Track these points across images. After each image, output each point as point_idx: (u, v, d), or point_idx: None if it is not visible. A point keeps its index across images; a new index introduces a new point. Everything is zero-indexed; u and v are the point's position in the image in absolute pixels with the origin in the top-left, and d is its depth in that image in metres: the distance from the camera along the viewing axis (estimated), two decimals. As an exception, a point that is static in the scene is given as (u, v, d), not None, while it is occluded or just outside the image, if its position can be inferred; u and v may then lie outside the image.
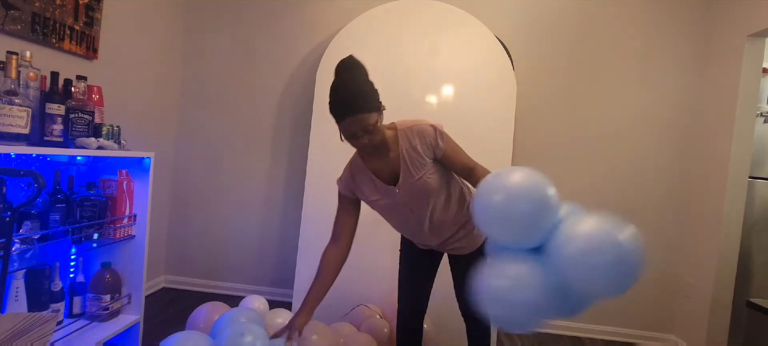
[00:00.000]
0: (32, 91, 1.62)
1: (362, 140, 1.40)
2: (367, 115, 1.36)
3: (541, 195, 1.06)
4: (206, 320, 2.07)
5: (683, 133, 2.83)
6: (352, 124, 1.36)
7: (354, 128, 1.37)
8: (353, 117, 1.35)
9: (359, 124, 1.36)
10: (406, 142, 1.48)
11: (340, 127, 1.41)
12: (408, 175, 1.48)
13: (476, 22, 2.69)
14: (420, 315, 1.77)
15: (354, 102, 1.35)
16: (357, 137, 1.40)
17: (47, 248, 1.80)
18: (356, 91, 1.37)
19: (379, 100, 1.41)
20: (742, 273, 2.55)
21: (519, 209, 1.05)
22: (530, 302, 1.03)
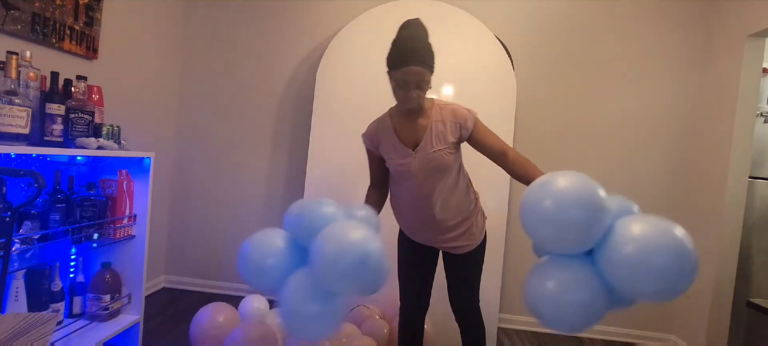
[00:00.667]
0: (32, 91, 1.63)
1: (411, 93, 1.47)
2: (425, 71, 1.45)
3: (594, 201, 1.04)
4: (210, 320, 2.07)
5: (683, 133, 2.83)
6: (410, 73, 1.44)
7: (410, 78, 1.44)
8: (414, 67, 1.43)
9: (416, 76, 1.44)
10: (438, 114, 1.55)
11: (396, 75, 1.47)
12: (427, 144, 1.53)
13: (476, 22, 2.69)
14: (421, 312, 1.77)
15: (418, 54, 1.44)
16: (409, 88, 1.46)
17: (47, 248, 1.80)
18: (422, 45, 1.46)
19: (433, 67, 1.49)
20: (742, 273, 2.55)
21: (572, 216, 1.01)
22: (582, 303, 1.01)
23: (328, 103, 2.72)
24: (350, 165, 2.65)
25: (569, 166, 2.87)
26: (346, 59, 2.74)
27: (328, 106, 2.71)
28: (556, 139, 2.90)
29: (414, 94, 1.47)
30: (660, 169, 2.85)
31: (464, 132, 1.53)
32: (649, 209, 3.06)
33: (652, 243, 0.96)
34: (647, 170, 2.86)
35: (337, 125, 2.69)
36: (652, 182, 2.86)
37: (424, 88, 1.48)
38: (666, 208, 2.85)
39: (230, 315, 2.13)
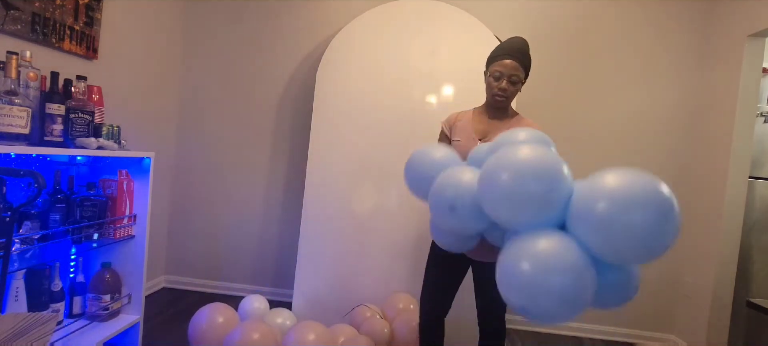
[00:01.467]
0: (32, 91, 1.63)
1: (502, 84, 1.59)
2: (521, 69, 1.59)
3: (552, 171, 0.98)
4: (209, 320, 2.07)
5: (683, 133, 2.83)
6: (507, 66, 1.58)
7: (506, 71, 1.58)
8: (512, 61, 1.58)
9: (511, 70, 1.58)
10: (517, 122, 1.66)
11: (493, 67, 1.61)
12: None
13: (476, 22, 2.69)
14: (442, 316, 1.76)
15: (520, 52, 1.59)
16: (501, 79, 1.59)
17: (47, 248, 1.80)
18: (522, 47, 1.61)
19: (529, 71, 1.64)
20: (742, 273, 2.55)
21: (529, 189, 0.95)
22: (560, 287, 0.89)
23: (328, 103, 2.72)
24: (350, 165, 2.65)
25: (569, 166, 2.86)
26: (346, 59, 2.74)
27: (328, 107, 2.71)
28: (556, 138, 2.86)
29: (504, 85, 1.59)
30: (660, 169, 2.85)
31: None
32: (649, 209, 3.01)
33: (629, 193, 0.89)
34: (647, 170, 2.85)
35: (337, 125, 2.69)
36: (652, 182, 2.85)
37: (515, 85, 1.60)
38: (666, 208, 2.85)
39: (229, 315, 2.13)
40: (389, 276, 2.55)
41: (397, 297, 2.41)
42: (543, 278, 0.91)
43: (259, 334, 1.94)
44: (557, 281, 0.89)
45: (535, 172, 0.98)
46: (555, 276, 0.90)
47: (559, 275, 0.90)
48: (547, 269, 0.91)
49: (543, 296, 0.91)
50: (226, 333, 2.00)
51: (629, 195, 0.89)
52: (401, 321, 2.21)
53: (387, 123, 2.64)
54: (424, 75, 2.67)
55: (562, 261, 0.91)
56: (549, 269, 0.91)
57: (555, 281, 0.90)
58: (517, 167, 0.99)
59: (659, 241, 0.87)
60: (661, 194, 0.89)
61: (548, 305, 0.91)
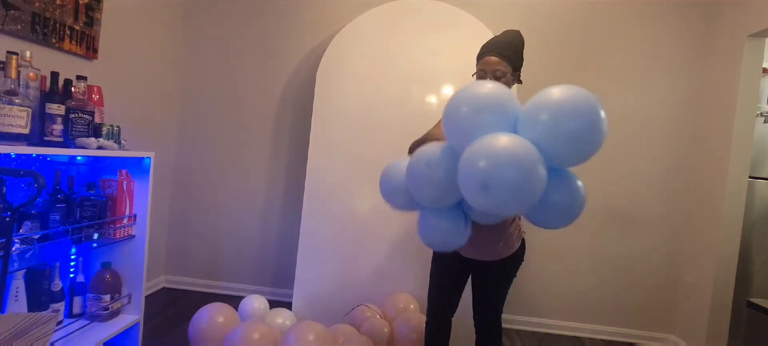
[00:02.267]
0: (32, 91, 1.62)
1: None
2: (504, 62, 1.53)
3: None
4: (209, 321, 2.07)
5: (683, 133, 2.83)
6: (489, 63, 1.54)
7: (489, 68, 1.53)
8: (493, 57, 1.53)
9: (494, 66, 1.53)
10: None
11: (479, 65, 1.58)
12: None
13: (476, 22, 2.69)
14: (448, 316, 1.76)
15: (502, 46, 1.54)
16: (486, 77, 1.54)
17: (47, 248, 1.80)
18: (505, 42, 1.56)
19: (519, 66, 1.60)
20: (742, 273, 2.55)
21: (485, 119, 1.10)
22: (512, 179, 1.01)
23: (328, 103, 2.72)
24: (350, 165, 2.65)
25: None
26: (346, 59, 2.74)
27: (328, 107, 2.71)
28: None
29: None
30: (660, 169, 2.85)
31: None
32: (648, 209, 3.07)
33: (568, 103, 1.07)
34: (647, 170, 2.86)
35: (337, 125, 2.69)
36: (651, 181, 2.86)
37: (501, 80, 1.53)
38: (666, 208, 2.85)
39: (229, 315, 2.13)
40: (389, 276, 2.55)
41: (397, 297, 2.41)
42: (499, 171, 1.01)
43: (259, 334, 1.94)
44: (510, 174, 1.01)
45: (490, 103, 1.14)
46: (508, 170, 1.01)
47: (512, 169, 1.01)
48: (502, 163, 1.02)
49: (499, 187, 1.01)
50: (226, 333, 2.00)
51: (566, 106, 1.08)
52: (401, 321, 2.21)
53: (387, 123, 2.64)
54: (424, 75, 2.67)
55: (516, 155, 1.02)
56: (503, 163, 1.02)
57: (508, 174, 1.01)
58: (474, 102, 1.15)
59: (589, 145, 1.06)
60: (592, 105, 1.08)
61: (503, 194, 1.02)
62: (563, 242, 2.90)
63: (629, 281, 2.89)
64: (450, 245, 1.37)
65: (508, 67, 1.56)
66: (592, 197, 2.87)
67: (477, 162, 1.03)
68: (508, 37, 1.59)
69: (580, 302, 2.93)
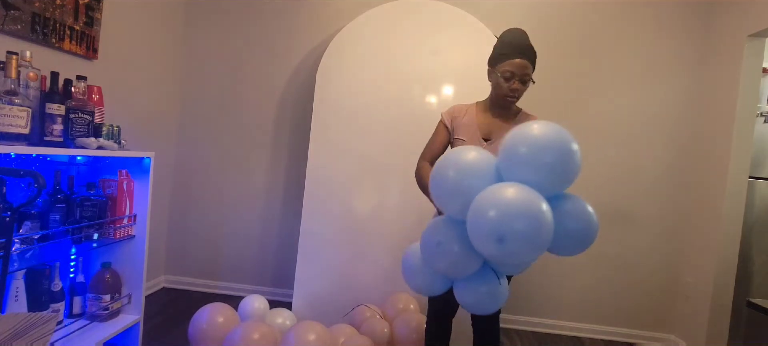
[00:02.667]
0: (32, 91, 1.62)
1: (514, 84, 1.56)
2: (530, 67, 1.56)
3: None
4: (209, 320, 2.07)
5: (683, 133, 2.83)
6: (518, 66, 1.54)
7: (518, 71, 1.54)
8: (522, 61, 1.54)
9: (523, 69, 1.54)
10: (523, 118, 1.64)
11: (504, 67, 1.56)
12: (499, 141, 1.55)
13: (476, 22, 2.69)
14: (452, 314, 1.75)
15: (529, 50, 1.56)
16: (512, 79, 1.55)
17: (47, 248, 1.80)
18: (526, 43, 1.57)
19: (535, 68, 1.59)
20: (742, 273, 2.55)
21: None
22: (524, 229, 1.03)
23: (328, 103, 2.72)
24: (350, 165, 2.65)
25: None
26: (346, 59, 2.74)
27: (328, 107, 2.71)
28: (556, 139, 2.90)
29: (516, 85, 1.56)
30: (660, 169, 2.85)
31: None
32: (648, 209, 3.07)
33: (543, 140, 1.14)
34: (647, 170, 2.86)
35: (337, 125, 2.69)
36: (652, 181, 2.86)
37: (525, 84, 1.57)
38: (666, 208, 2.85)
39: (229, 315, 2.13)
40: (389, 276, 2.54)
41: (397, 297, 2.41)
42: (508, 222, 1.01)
43: (259, 334, 1.94)
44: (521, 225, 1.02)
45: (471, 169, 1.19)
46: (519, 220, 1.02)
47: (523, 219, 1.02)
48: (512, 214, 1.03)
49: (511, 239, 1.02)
50: (226, 333, 2.00)
51: (543, 142, 1.14)
52: (401, 321, 2.21)
53: (387, 123, 2.64)
54: (424, 75, 2.67)
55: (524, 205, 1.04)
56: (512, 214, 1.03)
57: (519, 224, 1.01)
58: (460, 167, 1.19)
59: (566, 176, 1.14)
60: (566, 141, 1.14)
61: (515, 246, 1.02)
62: (563, 242, 2.90)
63: (629, 281, 2.89)
64: (499, 302, 1.35)
65: (532, 70, 1.58)
66: (593, 197, 2.88)
67: (488, 214, 1.03)
68: (526, 38, 1.59)
69: (580, 302, 2.93)
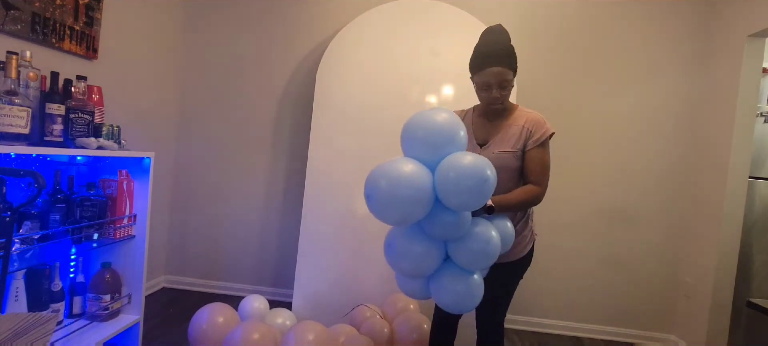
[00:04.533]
0: (32, 91, 1.63)
1: (494, 93, 1.52)
2: (507, 71, 1.51)
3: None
4: (209, 320, 2.07)
5: (683, 133, 2.83)
6: (492, 74, 1.50)
7: (492, 79, 1.50)
8: (495, 68, 1.49)
9: (498, 77, 1.50)
10: (516, 118, 1.58)
11: (478, 77, 1.54)
12: (494, 144, 1.56)
13: (476, 22, 2.69)
14: (455, 318, 1.76)
15: (497, 56, 1.50)
16: (491, 89, 1.52)
17: (47, 248, 1.80)
18: (503, 48, 1.51)
19: (516, 68, 1.55)
20: (742, 273, 2.55)
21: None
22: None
23: (328, 103, 2.72)
24: (350, 165, 2.65)
25: (569, 165, 2.89)
26: (346, 59, 2.74)
27: (328, 107, 2.71)
28: (556, 138, 2.88)
29: (497, 94, 1.52)
30: (660, 169, 2.85)
31: (531, 141, 1.53)
32: (648, 209, 3.06)
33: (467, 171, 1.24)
34: (647, 170, 2.86)
35: (336, 125, 2.69)
36: (651, 181, 2.86)
37: (506, 88, 1.52)
38: (666, 208, 2.85)
39: (229, 315, 2.13)
40: (389, 276, 2.53)
41: (397, 297, 2.41)
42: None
43: (259, 334, 1.94)
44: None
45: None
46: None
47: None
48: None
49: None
50: (226, 333, 2.00)
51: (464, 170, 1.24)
52: (401, 321, 2.21)
53: (387, 123, 2.64)
54: (424, 75, 2.67)
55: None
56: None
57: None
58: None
59: (479, 196, 1.25)
60: (481, 171, 1.23)
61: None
62: (563, 242, 2.91)
63: (629, 281, 2.89)
64: (475, 298, 1.44)
65: (512, 75, 1.53)
66: (593, 197, 2.89)
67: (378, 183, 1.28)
68: (503, 40, 1.53)
69: (580, 302, 2.93)
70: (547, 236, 2.82)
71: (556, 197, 2.72)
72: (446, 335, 1.76)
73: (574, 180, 2.87)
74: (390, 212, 1.25)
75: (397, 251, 1.36)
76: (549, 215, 2.80)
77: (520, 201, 1.50)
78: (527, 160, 1.54)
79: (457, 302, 1.41)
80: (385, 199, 1.23)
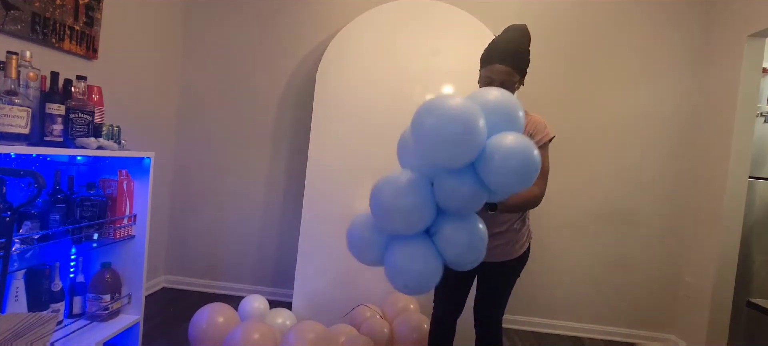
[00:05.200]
0: (32, 91, 1.62)
1: None
2: (509, 70, 1.49)
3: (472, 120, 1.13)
4: (209, 320, 2.07)
5: (683, 133, 2.83)
6: (496, 71, 1.49)
7: (497, 77, 1.49)
8: (500, 66, 1.48)
9: (499, 74, 1.49)
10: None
11: (484, 71, 1.53)
12: None
13: (476, 22, 2.69)
14: (456, 316, 1.75)
15: (504, 53, 1.49)
16: (493, 85, 1.47)
17: (47, 248, 1.80)
18: (512, 47, 1.50)
19: (525, 70, 1.54)
20: (742, 273, 2.55)
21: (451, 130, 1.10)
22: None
23: (328, 103, 2.72)
24: (350, 165, 2.65)
25: (569, 166, 2.89)
26: (346, 59, 2.74)
27: (328, 107, 2.71)
28: (557, 138, 2.88)
29: None
30: (660, 169, 2.85)
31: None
32: (648, 209, 3.06)
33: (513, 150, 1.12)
34: (647, 170, 2.86)
35: (337, 125, 2.69)
36: (652, 181, 2.86)
37: (509, 88, 1.50)
38: (666, 207, 2.85)
39: (229, 315, 2.13)
40: (389, 276, 2.54)
41: (397, 297, 2.41)
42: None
43: (259, 334, 1.94)
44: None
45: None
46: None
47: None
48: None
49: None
50: (226, 333, 2.00)
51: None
52: (401, 321, 2.21)
53: (387, 123, 2.63)
54: (424, 75, 2.67)
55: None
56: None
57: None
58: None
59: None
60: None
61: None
62: (563, 242, 2.91)
63: (629, 281, 2.89)
64: (480, 249, 1.30)
65: (517, 76, 1.52)
66: (593, 197, 2.89)
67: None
68: (517, 40, 1.52)
69: (580, 302, 2.93)
70: (548, 236, 2.82)
71: (557, 197, 2.72)
72: (446, 335, 1.76)
73: (574, 180, 2.87)
74: (438, 152, 1.14)
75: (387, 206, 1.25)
76: (549, 214, 2.80)
77: (519, 203, 1.50)
78: None
79: (464, 253, 1.28)
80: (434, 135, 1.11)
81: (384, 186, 1.27)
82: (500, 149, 1.11)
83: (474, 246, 1.24)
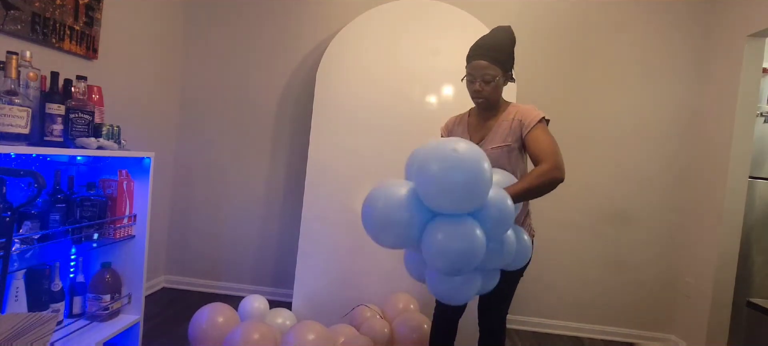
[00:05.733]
0: (32, 91, 1.62)
1: (476, 86, 1.54)
2: (490, 66, 1.51)
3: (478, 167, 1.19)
4: (209, 320, 2.07)
5: (683, 134, 2.83)
6: (477, 67, 1.53)
7: (477, 72, 1.53)
8: (479, 62, 1.52)
9: (480, 70, 1.52)
10: (509, 114, 1.58)
11: (467, 67, 1.57)
12: (487, 141, 1.57)
13: (476, 22, 2.69)
14: (458, 313, 1.75)
15: (485, 49, 1.52)
16: (474, 81, 1.54)
17: (47, 248, 1.80)
18: (493, 43, 1.53)
19: (510, 66, 1.56)
20: (742, 273, 2.55)
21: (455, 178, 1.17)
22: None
23: (328, 103, 2.72)
24: (350, 165, 2.65)
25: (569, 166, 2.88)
26: (346, 59, 2.74)
27: (328, 107, 2.71)
28: (556, 138, 2.89)
29: (479, 87, 1.53)
30: (660, 169, 2.85)
31: (524, 129, 1.52)
32: (648, 209, 3.06)
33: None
34: (647, 170, 2.86)
35: (337, 125, 2.69)
36: (652, 181, 2.86)
37: (490, 83, 1.52)
38: (666, 208, 2.85)
39: (229, 315, 2.13)
40: (389, 276, 2.54)
41: (397, 297, 2.41)
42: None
43: (259, 334, 1.94)
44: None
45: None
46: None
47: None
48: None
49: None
50: (226, 333, 2.00)
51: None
52: (401, 321, 2.21)
53: (387, 123, 2.64)
54: (424, 75, 2.67)
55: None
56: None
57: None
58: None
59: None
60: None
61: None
62: (563, 242, 2.91)
63: (629, 281, 2.89)
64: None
65: (498, 70, 1.52)
66: (593, 197, 2.89)
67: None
68: (497, 36, 1.55)
69: (580, 302, 2.93)
70: (548, 235, 2.82)
71: (557, 197, 2.71)
72: (447, 335, 1.75)
73: (574, 180, 2.86)
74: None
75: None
76: (550, 214, 2.80)
77: (533, 185, 1.41)
78: (528, 146, 1.52)
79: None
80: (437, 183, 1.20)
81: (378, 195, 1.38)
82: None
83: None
